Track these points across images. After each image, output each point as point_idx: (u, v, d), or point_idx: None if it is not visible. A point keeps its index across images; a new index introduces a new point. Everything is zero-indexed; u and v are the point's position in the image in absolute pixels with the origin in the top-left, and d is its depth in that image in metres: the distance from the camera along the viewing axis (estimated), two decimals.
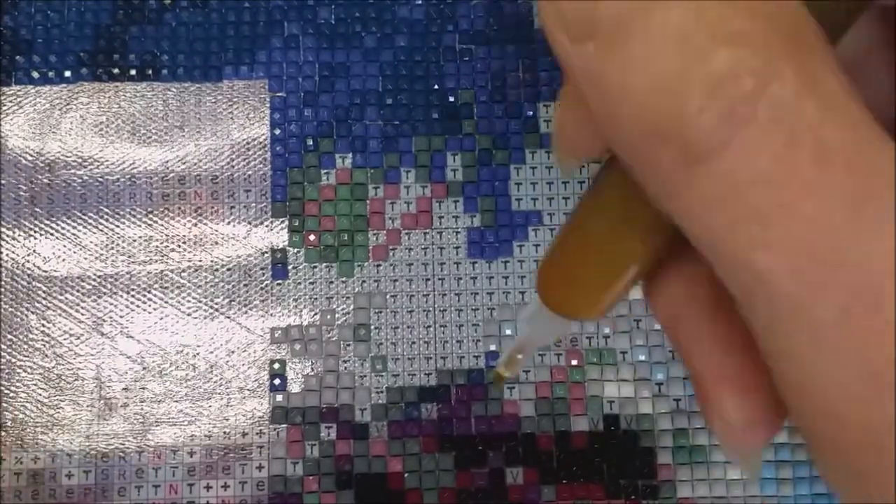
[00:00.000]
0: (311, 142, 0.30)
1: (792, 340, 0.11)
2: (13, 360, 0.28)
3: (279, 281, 0.29)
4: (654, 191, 0.12)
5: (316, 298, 0.29)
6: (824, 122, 0.10)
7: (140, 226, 0.29)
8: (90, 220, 0.29)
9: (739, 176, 0.10)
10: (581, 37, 0.11)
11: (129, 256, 0.29)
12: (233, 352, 0.29)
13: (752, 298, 0.11)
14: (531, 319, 0.18)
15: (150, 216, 0.29)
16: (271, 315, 0.29)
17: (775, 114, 0.10)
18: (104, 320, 0.29)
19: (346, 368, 0.28)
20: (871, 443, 0.11)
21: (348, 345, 0.29)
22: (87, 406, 0.28)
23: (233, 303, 0.29)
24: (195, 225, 0.29)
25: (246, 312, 0.29)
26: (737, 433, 0.14)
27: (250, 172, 0.30)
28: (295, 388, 0.28)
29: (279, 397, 0.28)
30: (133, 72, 0.30)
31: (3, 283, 0.29)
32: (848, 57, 0.13)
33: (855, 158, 0.10)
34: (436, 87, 0.30)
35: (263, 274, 0.29)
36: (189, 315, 0.29)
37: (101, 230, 0.29)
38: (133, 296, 0.29)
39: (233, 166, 0.30)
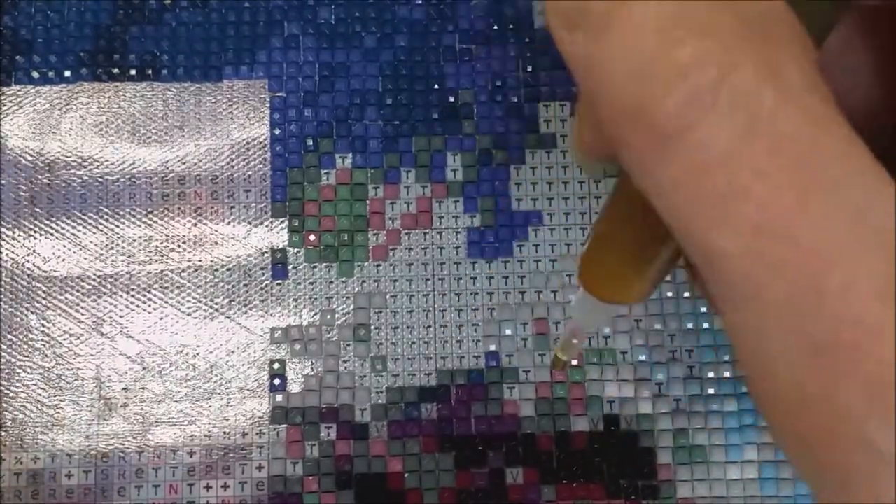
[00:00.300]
0: (311, 142, 0.30)
1: (745, 315, 0.12)
2: (13, 360, 0.28)
3: (279, 281, 0.29)
4: (630, 170, 0.13)
5: (316, 298, 0.29)
6: (780, 113, 0.11)
7: (140, 226, 0.29)
8: (90, 220, 0.29)
9: (700, 159, 0.11)
10: (574, 27, 0.12)
11: (129, 256, 0.29)
12: (233, 352, 0.29)
13: (710, 275, 0.12)
14: (578, 306, 0.20)
15: (150, 216, 0.29)
16: (271, 315, 0.29)
17: (735, 101, 0.11)
18: (104, 320, 0.29)
19: (345, 368, 0.28)
20: (806, 411, 0.12)
21: (348, 345, 0.29)
22: (87, 406, 0.28)
23: (233, 303, 0.29)
24: (195, 225, 0.29)
25: (246, 312, 0.29)
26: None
27: (250, 172, 0.30)
28: (295, 388, 0.28)
29: (279, 397, 0.28)
30: (133, 72, 0.30)
31: (3, 283, 0.29)
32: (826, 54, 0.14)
33: (807, 148, 0.11)
34: (436, 87, 0.30)
35: (263, 274, 0.29)
36: (189, 315, 0.29)
37: (101, 230, 0.29)
38: (133, 296, 0.29)
39: (233, 166, 0.30)
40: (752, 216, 0.11)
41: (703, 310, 0.29)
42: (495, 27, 0.31)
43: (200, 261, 0.29)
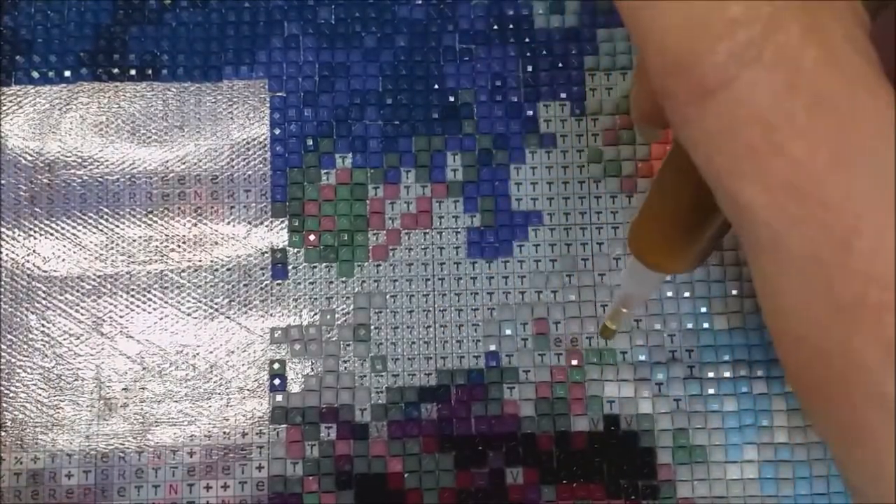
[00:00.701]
0: (310, 142, 0.30)
1: (770, 269, 0.12)
2: (13, 360, 0.28)
3: (279, 281, 0.29)
4: (672, 121, 0.13)
5: (316, 298, 0.29)
6: (823, 72, 0.11)
7: (140, 226, 0.29)
8: (90, 220, 0.29)
9: (739, 112, 0.12)
10: None
11: (129, 256, 0.29)
12: (232, 352, 0.29)
13: (741, 228, 0.13)
14: (628, 275, 0.20)
15: (150, 216, 0.29)
16: (271, 315, 0.29)
17: (778, 58, 0.11)
18: (104, 320, 0.29)
19: (345, 368, 0.28)
20: (827, 367, 0.12)
21: (348, 345, 0.29)
22: (87, 406, 0.28)
23: (233, 303, 0.29)
24: (195, 225, 0.29)
25: (246, 312, 0.29)
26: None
27: (250, 172, 0.30)
28: (295, 388, 0.28)
29: (279, 397, 0.28)
30: (133, 72, 0.30)
31: (2, 283, 0.29)
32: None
33: (846, 109, 0.11)
34: (436, 87, 0.30)
35: (263, 274, 0.29)
36: (189, 315, 0.29)
37: (101, 230, 0.29)
38: (133, 296, 0.29)
39: (233, 166, 0.30)
40: (782, 172, 0.11)
41: (703, 310, 0.29)
42: (495, 27, 0.31)
43: (200, 261, 0.29)
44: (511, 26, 0.31)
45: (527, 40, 0.31)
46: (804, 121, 0.11)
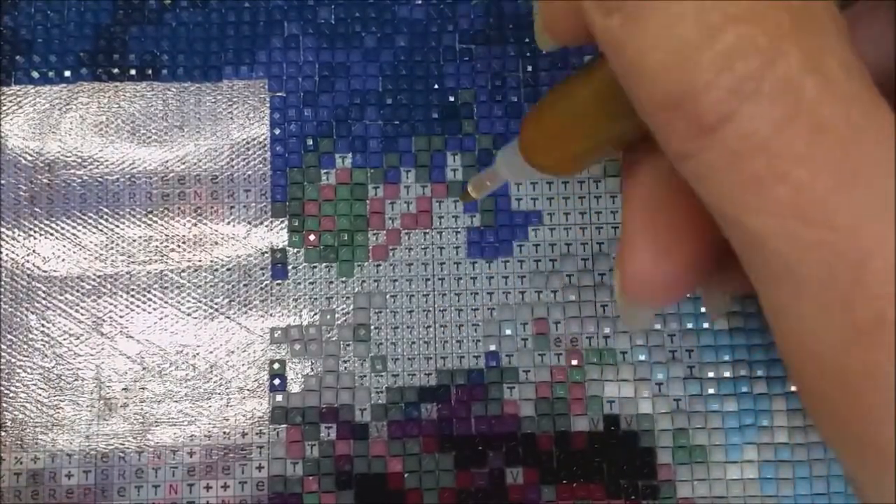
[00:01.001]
0: (310, 142, 0.30)
1: (782, 295, 0.12)
2: (13, 360, 0.28)
3: (279, 281, 0.29)
4: (667, 152, 0.13)
5: (316, 298, 0.29)
6: (823, 100, 0.11)
7: (140, 226, 0.29)
8: (90, 220, 0.29)
9: (741, 146, 0.11)
10: (608, 11, 0.12)
11: (129, 256, 0.29)
12: (232, 352, 0.29)
13: (748, 257, 0.12)
14: (507, 158, 0.20)
15: (150, 216, 0.29)
16: (271, 315, 0.29)
17: (778, 90, 0.11)
18: (104, 320, 0.29)
19: (345, 368, 0.28)
20: (846, 387, 0.12)
21: (348, 345, 0.29)
22: (87, 406, 0.28)
23: (232, 303, 0.29)
24: (195, 225, 0.29)
25: (246, 312, 0.29)
26: (633, 284, 0.16)
27: (250, 172, 0.30)
28: (295, 388, 0.28)
29: (279, 397, 0.28)
30: (133, 72, 0.30)
31: (2, 283, 0.29)
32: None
33: (848, 135, 0.11)
34: (436, 87, 0.30)
35: (263, 274, 0.29)
36: (189, 315, 0.29)
37: (101, 230, 0.29)
38: (133, 296, 0.29)
39: (232, 166, 0.30)
40: (788, 199, 0.11)
41: (704, 310, 0.29)
42: (495, 27, 0.31)
43: (200, 261, 0.29)
44: (511, 26, 0.31)
45: (527, 40, 0.31)
46: (806, 149, 0.11)
